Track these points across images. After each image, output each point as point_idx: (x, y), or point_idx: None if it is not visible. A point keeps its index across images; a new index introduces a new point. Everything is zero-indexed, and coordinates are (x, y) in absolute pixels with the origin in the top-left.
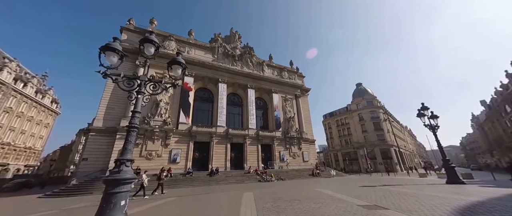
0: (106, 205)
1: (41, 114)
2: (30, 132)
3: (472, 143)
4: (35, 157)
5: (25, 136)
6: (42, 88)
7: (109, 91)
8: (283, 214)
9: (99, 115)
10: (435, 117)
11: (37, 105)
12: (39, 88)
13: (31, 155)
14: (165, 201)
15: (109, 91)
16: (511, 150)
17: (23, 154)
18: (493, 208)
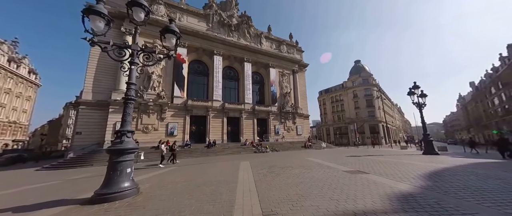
0: (113, 173)
1: (19, 86)
2: (10, 106)
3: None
4: (22, 132)
5: (6, 110)
6: (15, 56)
7: (94, 61)
8: (277, 178)
9: (87, 88)
10: (424, 96)
11: (13, 76)
12: (11, 56)
13: (18, 129)
14: (168, 170)
15: (94, 61)
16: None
17: (8, 129)
18: (456, 173)
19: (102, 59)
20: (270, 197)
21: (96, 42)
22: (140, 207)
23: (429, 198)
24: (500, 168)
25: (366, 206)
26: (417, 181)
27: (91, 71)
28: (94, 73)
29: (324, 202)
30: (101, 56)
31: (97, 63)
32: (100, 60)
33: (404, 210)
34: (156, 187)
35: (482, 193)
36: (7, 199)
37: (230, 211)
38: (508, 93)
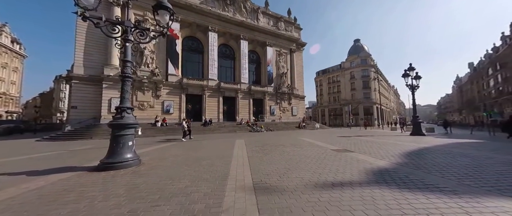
0: (116, 145)
1: (4, 56)
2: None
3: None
4: (14, 104)
5: None
6: None
7: (83, 34)
8: (269, 154)
9: (77, 62)
10: (418, 78)
11: None
12: None
13: (9, 101)
14: (168, 145)
15: (82, 35)
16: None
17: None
18: (433, 151)
19: (91, 33)
20: (261, 170)
21: (88, 17)
22: (144, 174)
23: (401, 172)
24: (476, 147)
25: (344, 179)
26: (395, 159)
27: (80, 45)
28: (84, 47)
29: (308, 174)
30: (89, 30)
31: (86, 36)
32: (88, 33)
33: (377, 182)
34: (157, 159)
35: (449, 169)
36: (19, 165)
37: (224, 179)
38: (504, 74)
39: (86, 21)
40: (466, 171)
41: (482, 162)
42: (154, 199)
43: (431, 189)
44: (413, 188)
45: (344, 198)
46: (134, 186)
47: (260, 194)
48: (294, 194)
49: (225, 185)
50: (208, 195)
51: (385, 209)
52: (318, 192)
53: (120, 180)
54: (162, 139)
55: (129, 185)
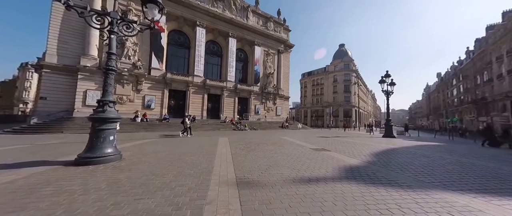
0: (96, 139)
1: None
2: None
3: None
4: None
5: None
6: None
7: (58, 20)
8: (252, 152)
9: (50, 50)
10: (393, 84)
11: None
12: None
13: None
14: (147, 141)
15: (57, 21)
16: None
17: None
18: (399, 152)
19: (67, 19)
20: (244, 166)
21: (71, 6)
22: (126, 169)
23: (369, 170)
24: (435, 149)
25: (319, 175)
26: (366, 157)
27: (54, 32)
28: (58, 34)
29: (288, 171)
30: (65, 16)
31: (61, 23)
32: (64, 20)
33: (347, 178)
34: (138, 155)
35: (409, 167)
36: None
37: (208, 175)
38: (466, 85)
39: (69, 10)
40: (423, 169)
41: (437, 162)
42: (137, 193)
43: (392, 184)
44: (377, 183)
45: (318, 192)
46: (116, 181)
47: (243, 188)
48: (274, 188)
49: (209, 180)
50: (193, 189)
51: (351, 200)
52: (295, 187)
53: (100, 174)
54: (159, 134)
55: (110, 180)
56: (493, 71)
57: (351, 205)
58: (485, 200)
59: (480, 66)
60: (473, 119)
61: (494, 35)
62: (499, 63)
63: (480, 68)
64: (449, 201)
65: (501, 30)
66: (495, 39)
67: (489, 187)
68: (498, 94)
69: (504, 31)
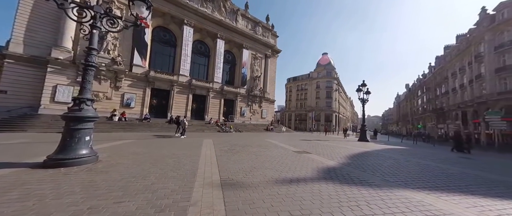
0: (70, 139)
1: None
2: None
3: (389, 115)
4: None
5: None
6: None
7: (27, 7)
8: (236, 154)
9: (16, 38)
10: (368, 93)
11: None
12: None
13: None
14: (126, 142)
15: (26, 7)
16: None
17: None
18: (370, 155)
19: (38, 7)
20: (229, 168)
21: None
22: (103, 172)
23: (344, 171)
24: (401, 153)
25: (300, 176)
26: (342, 159)
27: (22, 19)
28: (27, 22)
29: (270, 172)
30: (37, 3)
31: (31, 10)
32: (35, 7)
33: (325, 178)
34: (116, 156)
35: (378, 168)
36: None
37: (192, 176)
38: (428, 96)
39: (48, 0)
40: (389, 170)
41: (402, 164)
42: (117, 196)
43: (363, 183)
44: (350, 183)
45: (298, 191)
46: (92, 184)
47: (227, 189)
48: (257, 189)
49: (193, 182)
50: (176, 191)
51: (327, 198)
52: (277, 187)
53: (74, 177)
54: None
55: (86, 183)
56: (449, 85)
57: (326, 203)
58: (436, 196)
59: (439, 80)
60: (434, 126)
61: (450, 54)
62: (453, 78)
63: (439, 81)
64: (408, 197)
65: (454, 50)
66: (451, 58)
67: (440, 185)
68: (453, 105)
69: (457, 51)
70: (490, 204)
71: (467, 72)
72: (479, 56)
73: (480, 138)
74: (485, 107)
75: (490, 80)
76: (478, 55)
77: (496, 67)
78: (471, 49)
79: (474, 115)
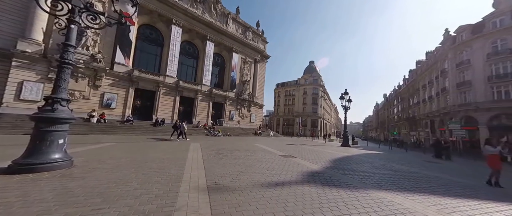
0: (40, 142)
1: None
2: None
3: (369, 122)
4: None
5: None
6: None
7: None
8: (224, 158)
9: None
10: (350, 101)
11: None
12: None
13: None
14: (106, 145)
15: None
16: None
17: None
18: (351, 159)
19: None
20: (215, 172)
21: None
22: (79, 178)
23: (327, 174)
24: (377, 157)
25: (285, 179)
26: (325, 164)
27: None
28: None
29: (257, 176)
30: None
31: None
32: None
33: (308, 181)
34: (94, 161)
35: (357, 171)
36: None
37: (178, 181)
38: (402, 105)
39: None
40: (366, 174)
41: (377, 167)
42: (95, 202)
43: (342, 186)
44: (331, 185)
45: (283, 194)
46: (66, 191)
47: (213, 194)
48: (243, 193)
49: (178, 186)
50: (160, 196)
51: (309, 200)
52: (263, 190)
53: (45, 184)
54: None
55: (59, 190)
56: (420, 96)
57: (309, 205)
58: (404, 196)
59: (412, 92)
60: (407, 133)
61: (420, 68)
62: (424, 90)
63: (412, 93)
64: (380, 198)
65: (424, 65)
66: (421, 72)
67: (408, 186)
68: (423, 114)
69: (426, 66)
70: (447, 202)
71: (435, 85)
72: (444, 71)
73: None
74: (449, 117)
75: (453, 93)
76: (443, 70)
77: (457, 82)
78: (437, 65)
79: (441, 124)
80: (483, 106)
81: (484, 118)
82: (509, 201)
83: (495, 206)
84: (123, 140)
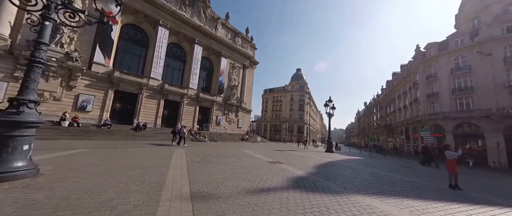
0: (1, 149)
1: None
2: None
3: (352, 128)
4: None
5: None
6: None
7: None
8: (209, 164)
9: None
10: (333, 108)
11: None
12: None
13: None
14: (76, 152)
15: None
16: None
17: None
18: (334, 165)
19: None
20: (200, 179)
21: None
22: (45, 188)
23: (311, 180)
24: (358, 163)
25: (271, 185)
26: (310, 169)
27: None
28: None
29: (243, 182)
30: None
31: None
32: None
33: (293, 187)
34: (65, 169)
35: (339, 177)
36: None
37: (159, 190)
38: (381, 113)
39: None
40: (348, 179)
41: (358, 173)
42: (64, 215)
43: (325, 191)
44: (315, 191)
45: (268, 201)
46: (30, 203)
47: (197, 202)
48: (228, 200)
49: (159, 195)
50: (139, 206)
51: (293, 206)
52: (249, 197)
53: (5, 196)
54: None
55: (21, 202)
56: (396, 105)
57: (293, 210)
58: (381, 200)
59: (389, 100)
60: (385, 140)
61: (396, 79)
62: (399, 99)
63: (389, 102)
64: (359, 201)
65: (399, 77)
66: (397, 83)
67: (385, 190)
68: (399, 122)
69: (401, 78)
70: (418, 205)
71: (408, 96)
72: (416, 83)
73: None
74: (421, 125)
75: (423, 103)
76: (415, 82)
77: (427, 93)
78: (410, 77)
79: (414, 131)
80: (448, 115)
81: (450, 126)
82: (468, 202)
83: (457, 207)
84: (98, 146)
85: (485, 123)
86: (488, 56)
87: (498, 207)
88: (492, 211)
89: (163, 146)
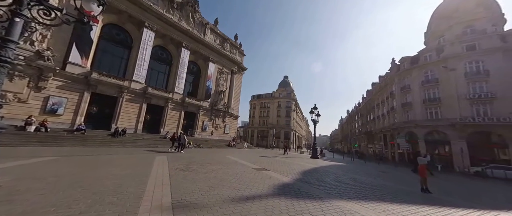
0: None
1: None
2: None
3: (335, 135)
4: None
5: None
6: None
7: None
8: (193, 172)
9: None
10: (318, 115)
11: None
12: None
13: None
14: (42, 160)
15: None
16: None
17: None
18: (320, 171)
19: None
20: (183, 188)
21: None
22: (4, 201)
23: (296, 186)
24: (341, 169)
25: (256, 192)
26: (295, 176)
27: None
28: None
29: (228, 191)
30: None
31: None
32: None
33: (279, 194)
34: (27, 180)
35: (322, 182)
36: None
37: (137, 201)
38: (362, 121)
39: None
40: (331, 184)
41: (340, 178)
42: None
43: (309, 197)
44: (299, 197)
45: (253, 208)
46: None
47: (179, 213)
48: (212, 209)
49: (137, 207)
50: None
51: (278, 213)
52: (233, 205)
53: None
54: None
55: None
56: (375, 113)
57: None
58: (361, 204)
59: (369, 109)
60: (366, 146)
61: (375, 89)
62: (378, 108)
63: (369, 110)
64: (341, 206)
65: (377, 87)
66: (376, 92)
67: (365, 195)
68: (378, 129)
69: (379, 88)
70: (394, 208)
71: (386, 105)
72: (392, 93)
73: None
74: (397, 132)
75: (399, 112)
76: (392, 92)
77: (402, 103)
78: (387, 88)
79: (391, 138)
80: (420, 123)
81: (422, 133)
82: (438, 205)
83: (428, 209)
84: (69, 153)
85: (451, 131)
86: (452, 70)
87: (461, 209)
88: (456, 212)
89: (144, 153)
